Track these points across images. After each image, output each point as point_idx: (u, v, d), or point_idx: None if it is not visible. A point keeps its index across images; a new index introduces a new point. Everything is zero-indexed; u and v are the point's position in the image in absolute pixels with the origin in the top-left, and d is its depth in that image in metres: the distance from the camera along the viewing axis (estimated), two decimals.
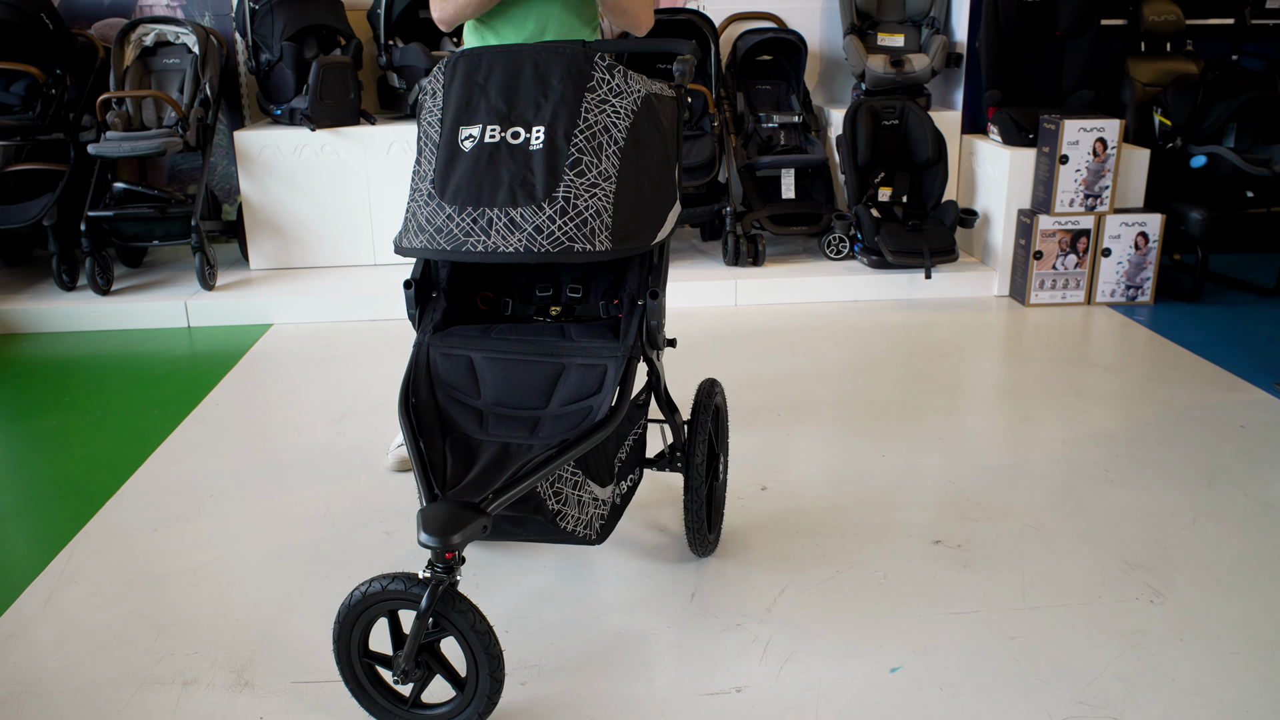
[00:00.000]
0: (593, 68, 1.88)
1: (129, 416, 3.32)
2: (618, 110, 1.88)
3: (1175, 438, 3.05)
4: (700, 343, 3.93)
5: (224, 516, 2.63)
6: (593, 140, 1.84)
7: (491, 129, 1.86)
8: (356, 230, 4.56)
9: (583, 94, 1.86)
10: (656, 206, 1.96)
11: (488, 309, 2.28)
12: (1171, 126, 4.55)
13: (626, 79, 1.90)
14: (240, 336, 4.10)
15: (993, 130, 4.54)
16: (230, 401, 3.43)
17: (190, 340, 4.10)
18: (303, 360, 3.83)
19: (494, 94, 1.90)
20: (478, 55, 1.96)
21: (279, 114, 4.59)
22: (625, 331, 1.98)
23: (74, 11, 4.87)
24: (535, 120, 1.85)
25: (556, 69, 1.89)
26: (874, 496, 2.69)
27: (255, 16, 4.54)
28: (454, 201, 1.83)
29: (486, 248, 1.77)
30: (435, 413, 1.93)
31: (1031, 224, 4.25)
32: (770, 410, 3.26)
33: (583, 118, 1.85)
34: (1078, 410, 3.26)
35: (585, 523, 1.90)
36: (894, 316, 4.22)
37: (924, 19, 4.82)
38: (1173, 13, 4.85)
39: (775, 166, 4.56)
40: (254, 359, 3.85)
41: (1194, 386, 3.46)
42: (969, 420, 3.19)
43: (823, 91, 5.14)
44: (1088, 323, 4.17)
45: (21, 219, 4.33)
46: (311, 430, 3.17)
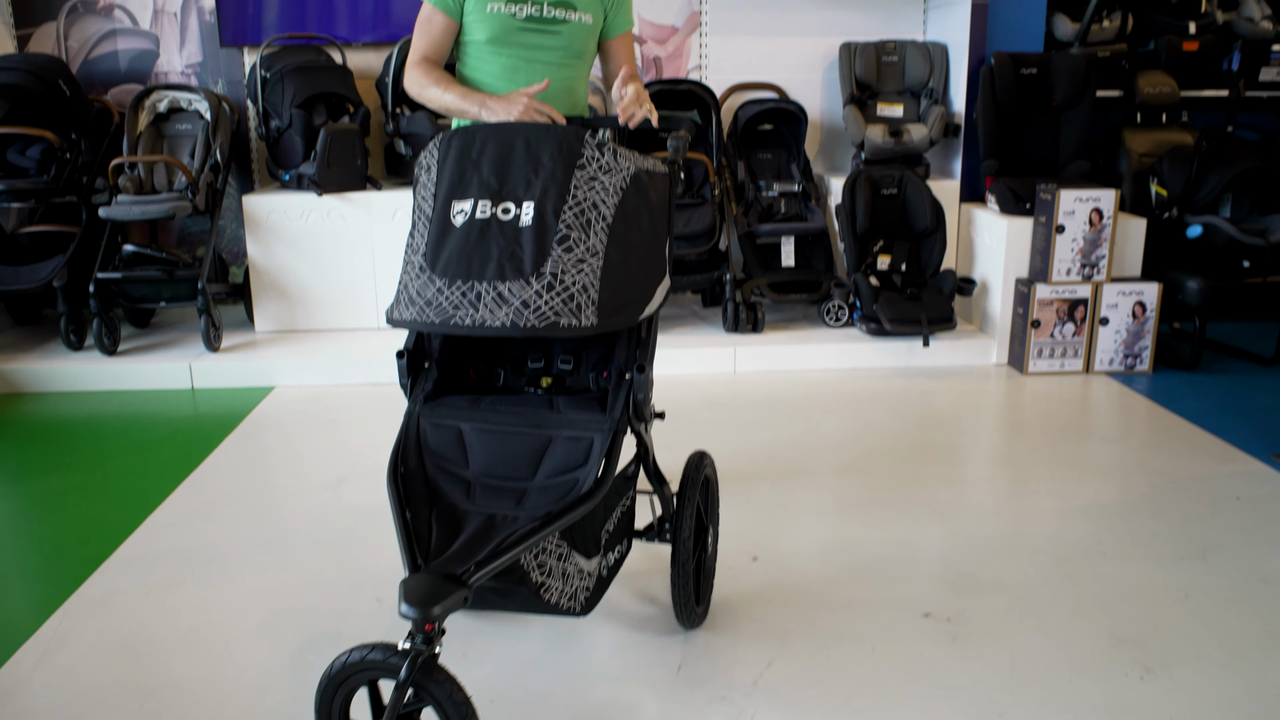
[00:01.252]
0: (583, 145, 1.93)
1: (129, 478, 3.35)
2: (607, 187, 1.92)
3: (1170, 509, 3.04)
4: (698, 409, 3.95)
5: (218, 581, 2.64)
6: (581, 217, 1.87)
7: (483, 204, 1.91)
8: (360, 294, 4.62)
9: (572, 171, 1.91)
10: (644, 282, 1.99)
11: (480, 379, 2.31)
12: (1167, 196, 4.60)
13: (616, 156, 1.94)
14: (243, 399, 4.14)
15: (990, 200, 4.59)
16: (230, 464, 3.46)
17: (194, 402, 4.14)
18: (303, 423, 3.86)
19: (486, 170, 1.95)
20: (471, 132, 2.02)
21: (287, 179, 4.68)
22: (612, 405, 2.01)
23: (92, 78, 4.99)
24: (525, 196, 1.89)
25: (547, 146, 1.94)
26: (866, 568, 2.69)
27: (267, 85, 4.65)
28: (444, 275, 1.86)
29: (474, 321, 1.80)
30: (424, 482, 1.95)
31: (1029, 293, 4.28)
32: (766, 479, 3.27)
33: (572, 194, 1.88)
34: (1073, 481, 3.26)
35: (570, 594, 1.91)
36: (892, 384, 4.23)
37: (922, 90, 4.90)
38: (1168, 85, 4.92)
39: (775, 234, 4.61)
40: (255, 421, 3.89)
41: (1191, 457, 3.46)
42: (964, 491, 3.20)
43: (823, 160, 5.22)
44: (1086, 392, 4.18)
45: (32, 280, 4.40)
46: (309, 495, 3.19)
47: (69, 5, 4.93)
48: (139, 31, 4.98)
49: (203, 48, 5.01)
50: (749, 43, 5.07)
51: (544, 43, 2.55)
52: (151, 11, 4.96)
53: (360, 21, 4.94)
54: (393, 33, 4.93)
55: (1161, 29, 5.03)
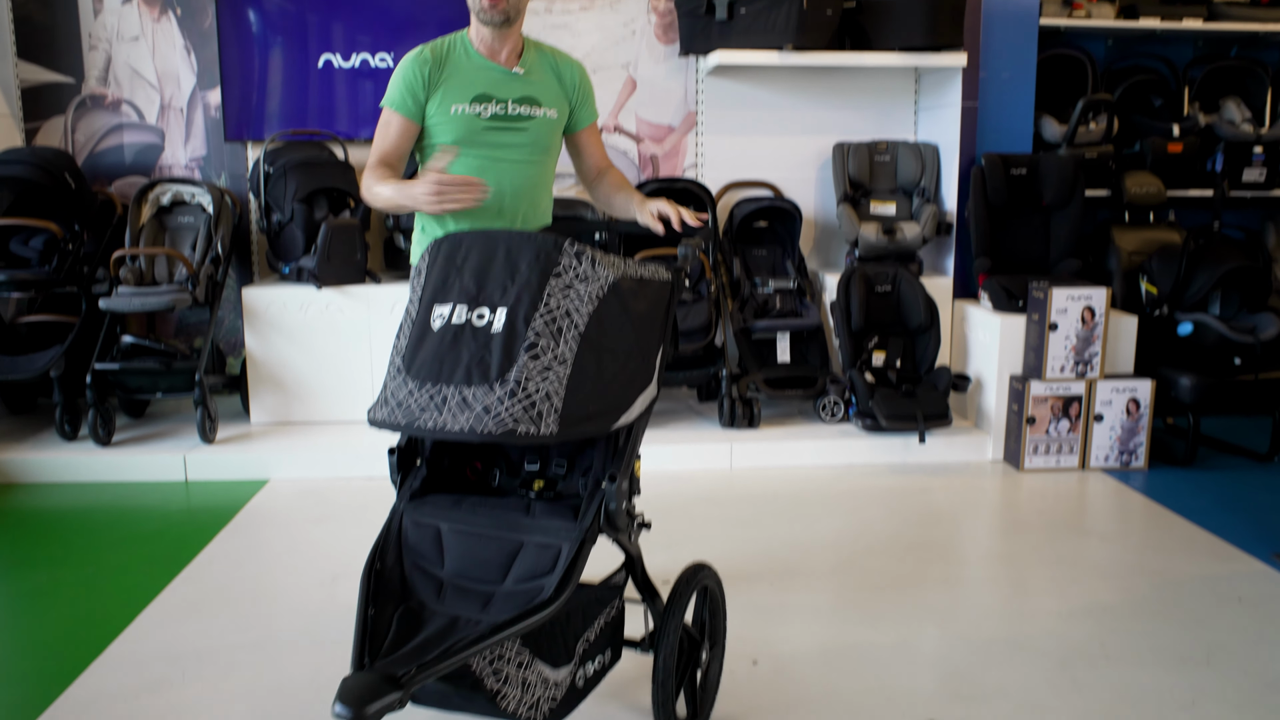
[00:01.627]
0: (560, 253, 1.95)
1: (120, 574, 3.31)
2: (582, 295, 1.93)
3: (1172, 611, 3.02)
4: (695, 506, 3.93)
5: (208, 683, 2.59)
6: (552, 324, 1.89)
7: (460, 309, 1.94)
8: (357, 387, 4.62)
9: (548, 279, 1.92)
10: (620, 391, 1.99)
11: (476, 479, 2.31)
12: (1158, 294, 4.66)
13: (594, 265, 1.95)
14: (237, 492, 4.11)
15: (983, 297, 4.65)
16: (223, 560, 3.42)
17: (187, 495, 4.11)
18: (298, 518, 3.83)
19: (467, 276, 1.98)
20: (459, 238, 2.07)
21: (287, 272, 4.72)
22: (583, 513, 2.01)
23: (97, 170, 5.06)
24: (500, 302, 1.92)
25: (526, 254, 1.97)
26: (867, 671, 2.65)
27: (270, 179, 4.72)
28: (416, 377, 1.90)
29: (437, 424, 1.82)
30: (399, 579, 1.98)
31: (1024, 389, 4.31)
32: (764, 579, 3.24)
33: (544, 302, 1.90)
34: (1073, 581, 3.24)
35: (531, 704, 1.88)
36: (889, 481, 4.23)
37: (914, 189, 5.00)
38: (1154, 185, 5.03)
39: (771, 330, 4.65)
40: (249, 515, 3.85)
41: (1191, 556, 3.45)
42: (964, 591, 3.17)
43: (817, 256, 5.29)
44: (1082, 489, 4.18)
45: (30, 369, 4.40)
46: (303, 592, 3.15)
47: (77, 100, 5.02)
48: (145, 126, 5.07)
49: (207, 142, 5.09)
50: (744, 142, 5.17)
51: (510, 140, 2.60)
52: (158, 107, 5.06)
53: (361, 118, 5.04)
54: None
55: (1146, 131, 5.16)
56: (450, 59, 2.62)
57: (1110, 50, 5.43)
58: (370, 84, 5.01)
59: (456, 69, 2.60)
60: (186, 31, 5.00)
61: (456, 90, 2.57)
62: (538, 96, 2.65)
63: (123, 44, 5.01)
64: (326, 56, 4.97)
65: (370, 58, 4.98)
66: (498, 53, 2.63)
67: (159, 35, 5.01)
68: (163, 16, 4.99)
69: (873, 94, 5.17)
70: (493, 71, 2.62)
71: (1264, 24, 5.16)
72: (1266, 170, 5.17)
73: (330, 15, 4.95)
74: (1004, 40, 4.80)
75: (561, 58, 2.76)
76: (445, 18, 4.93)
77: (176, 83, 5.04)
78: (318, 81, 4.99)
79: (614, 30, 5.08)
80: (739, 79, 5.09)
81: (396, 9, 4.95)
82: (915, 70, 5.13)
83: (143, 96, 5.04)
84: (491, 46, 2.63)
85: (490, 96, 2.58)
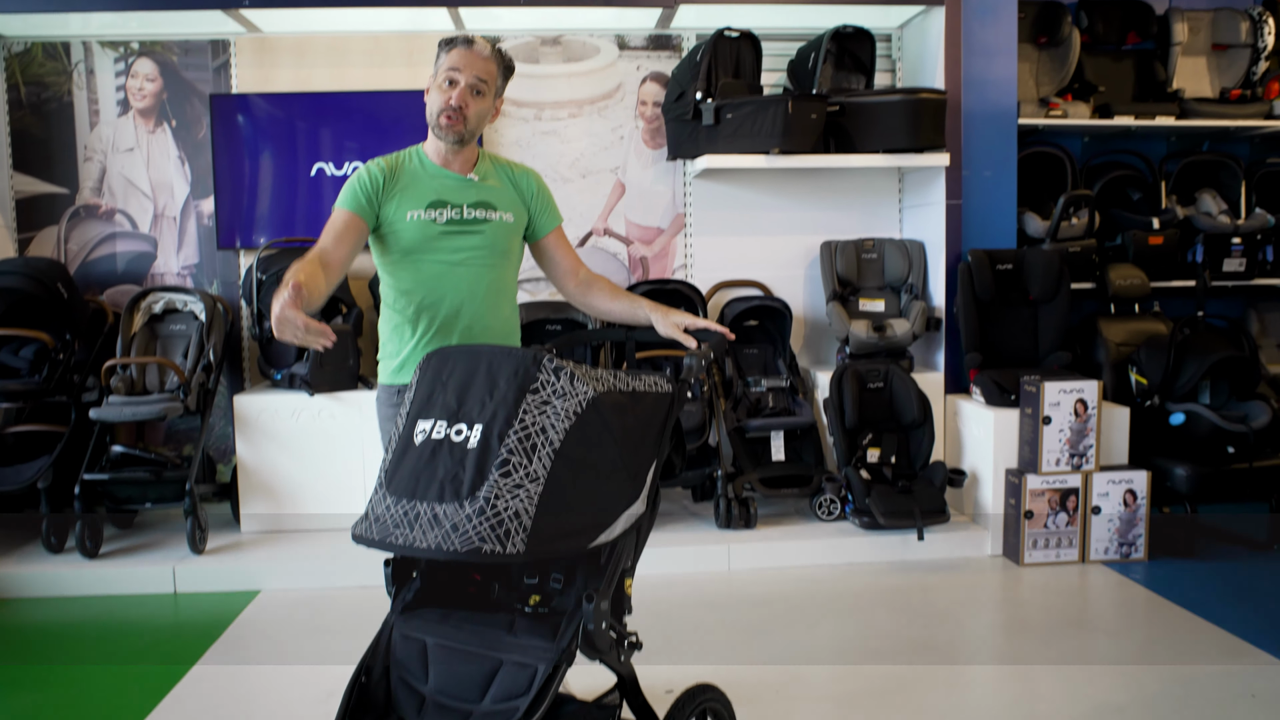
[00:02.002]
0: (539, 370, 1.95)
1: (106, 695, 3.22)
2: (559, 412, 1.91)
3: (1185, 709, 2.97)
4: (694, 610, 3.87)
5: None
6: (526, 441, 1.87)
7: (440, 425, 1.94)
8: (350, 494, 4.57)
9: (524, 395, 1.92)
10: (599, 509, 1.96)
11: (477, 591, 2.28)
12: (1148, 385, 4.69)
13: (573, 381, 1.94)
14: (227, 604, 4.03)
15: (975, 392, 4.67)
16: (212, 678, 3.33)
17: (176, 607, 4.03)
18: (290, 630, 3.75)
19: (450, 391, 1.99)
20: (448, 353, 2.08)
21: (279, 378, 4.71)
22: (561, 633, 1.98)
23: (89, 278, 5.08)
24: (478, 419, 1.92)
25: (505, 369, 1.97)
26: None
27: (263, 286, 4.74)
28: (394, 493, 1.91)
29: (406, 541, 1.83)
30: (385, 692, 1.98)
31: (1020, 484, 4.30)
32: (769, 685, 3.18)
33: (519, 419, 1.89)
34: (1082, 680, 3.18)
35: None
36: (889, 580, 4.18)
37: (902, 285, 5.05)
38: (1138, 277, 5.10)
39: (765, 429, 4.64)
40: (240, 629, 3.77)
41: (1199, 651, 3.41)
42: (972, 694, 3.12)
43: (807, 354, 5.32)
44: (1084, 583, 4.14)
45: (16, 481, 4.35)
46: (295, 711, 3.07)
47: (71, 210, 5.06)
48: (138, 235, 5.10)
49: (199, 249, 5.13)
50: (732, 242, 5.24)
51: (466, 244, 2.60)
52: (152, 216, 5.10)
53: None
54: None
55: (1126, 224, 5.25)
56: (405, 169, 2.63)
57: (1087, 146, 5.56)
58: None
59: (412, 178, 2.61)
60: (181, 142, 5.08)
61: (412, 197, 2.58)
62: (493, 201, 2.65)
63: (118, 155, 5.07)
64: (319, 165, 5.04)
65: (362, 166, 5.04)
66: (451, 163, 2.65)
67: (154, 146, 5.08)
68: (158, 128, 5.07)
69: (857, 193, 5.26)
70: (447, 179, 2.63)
71: (1232, 120, 5.30)
72: (1246, 260, 5.26)
73: (323, 125, 5.03)
74: (984, 139, 4.91)
75: (517, 167, 2.77)
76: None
77: (170, 192, 5.10)
78: (311, 190, 5.05)
79: (603, 136, 5.18)
80: (726, 181, 5.18)
81: (387, 118, 5.04)
82: (899, 170, 5.23)
83: (136, 206, 5.09)
84: (446, 157, 2.64)
85: (445, 202, 2.58)
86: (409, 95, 5.02)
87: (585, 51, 5.15)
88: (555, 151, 5.17)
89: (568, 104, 5.15)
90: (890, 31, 5.24)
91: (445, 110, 2.56)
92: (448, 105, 2.56)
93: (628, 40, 5.15)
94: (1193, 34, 5.49)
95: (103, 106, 5.05)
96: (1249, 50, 5.45)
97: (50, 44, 5.00)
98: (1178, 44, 5.43)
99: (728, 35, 4.72)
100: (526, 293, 5.12)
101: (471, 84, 2.57)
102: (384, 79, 5.08)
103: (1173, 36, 5.42)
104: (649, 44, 5.16)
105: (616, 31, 5.13)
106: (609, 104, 5.17)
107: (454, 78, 2.56)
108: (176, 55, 5.04)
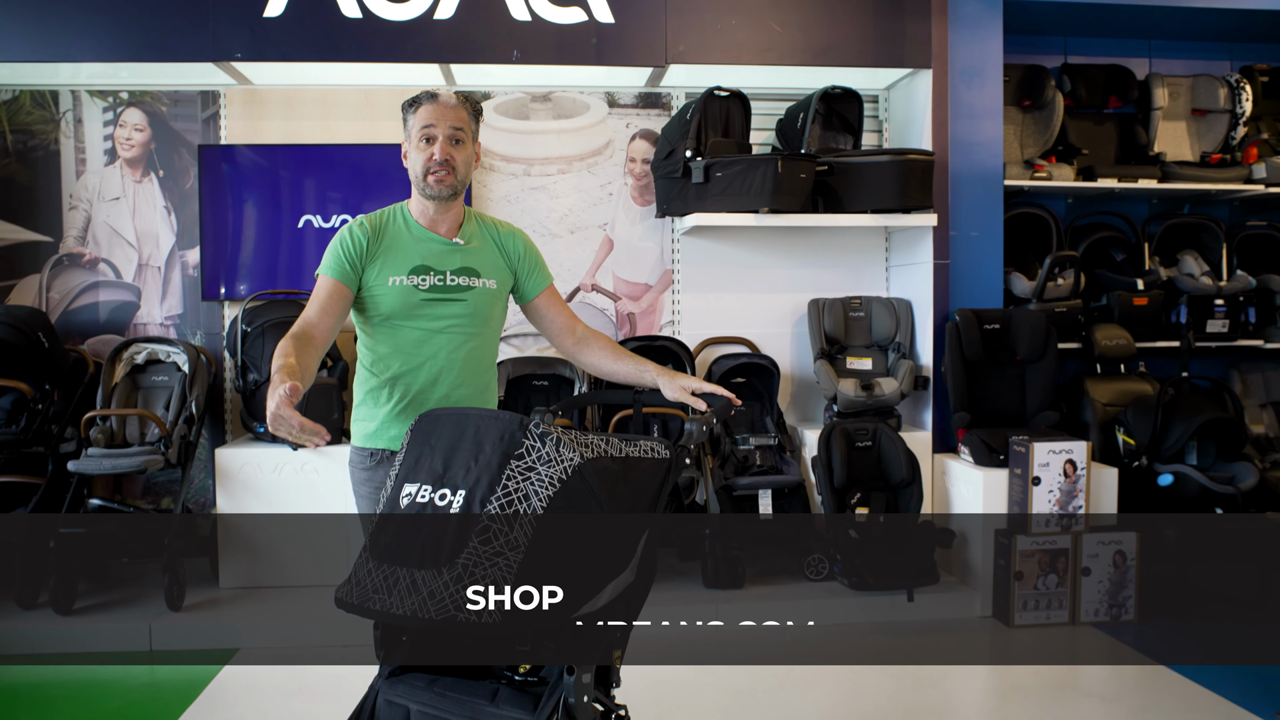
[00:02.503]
0: (525, 435, 1.92)
1: None
2: (542, 479, 1.88)
3: None
4: (682, 672, 3.80)
5: None
6: (509, 508, 1.85)
7: (425, 489, 1.92)
8: (332, 550, 4.49)
9: (508, 461, 1.89)
10: (584, 579, 1.91)
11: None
12: (1135, 445, 4.70)
13: (559, 448, 1.90)
14: (205, 663, 3.92)
15: (964, 451, 4.66)
16: None
17: (151, 667, 3.93)
18: (269, 692, 3.66)
19: (437, 455, 1.97)
20: (438, 416, 2.06)
21: (262, 431, 4.65)
22: (542, 705, 1.94)
23: (70, 327, 5.02)
24: (462, 484, 1.90)
25: (491, 434, 1.94)
26: None
27: (247, 338, 4.69)
28: (377, 557, 1.89)
29: (384, 606, 1.81)
30: None
31: (1010, 544, 4.28)
32: None
33: (502, 485, 1.87)
34: None
35: None
36: (879, 641, 4.13)
37: (889, 344, 5.06)
38: (1123, 337, 5.13)
39: (753, 487, 4.61)
40: (217, 690, 3.67)
41: (1192, 716, 3.37)
42: None
43: (794, 411, 5.30)
44: (1075, 645, 4.11)
45: None
46: None
47: (54, 259, 5.02)
48: (121, 284, 5.05)
49: (184, 300, 5.08)
50: (720, 299, 5.24)
51: (448, 311, 2.56)
52: (135, 265, 5.06)
53: None
54: None
55: (1110, 285, 5.30)
56: (389, 230, 2.60)
57: (1070, 207, 5.61)
58: None
59: (395, 240, 2.58)
60: (168, 192, 5.05)
61: (395, 262, 2.54)
62: (477, 267, 2.62)
63: (103, 204, 5.04)
64: (306, 217, 5.02)
65: (350, 219, 5.01)
66: (438, 224, 2.62)
67: (140, 196, 5.05)
68: (145, 178, 5.05)
69: (844, 252, 5.28)
70: (432, 243, 2.60)
71: (1213, 184, 5.37)
72: (1229, 321, 5.31)
73: (311, 177, 5.02)
74: (972, 200, 4.95)
75: (504, 228, 2.74)
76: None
77: (155, 242, 5.06)
78: (298, 242, 5.03)
79: (592, 192, 5.19)
80: (714, 238, 5.19)
81: (375, 172, 5.04)
82: (885, 229, 5.26)
83: (120, 255, 5.05)
84: (432, 218, 2.61)
85: (429, 268, 2.55)
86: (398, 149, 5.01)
87: (575, 108, 5.18)
88: (544, 207, 5.17)
89: (557, 160, 5.17)
90: (877, 93, 5.30)
91: (431, 168, 2.54)
92: (432, 162, 2.54)
93: (617, 98, 5.19)
94: (1173, 99, 5.58)
95: (90, 155, 5.03)
96: (1228, 115, 5.54)
97: (39, 92, 4.99)
98: (1158, 108, 5.52)
99: (718, 94, 4.76)
100: (514, 348, 5.09)
101: (449, 135, 2.55)
102: (373, 133, 5.09)
103: (1153, 101, 5.51)
104: (638, 101, 5.20)
105: (606, 89, 5.17)
106: (598, 160, 5.19)
107: (430, 134, 2.55)
108: (166, 105, 5.04)
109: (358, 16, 4.52)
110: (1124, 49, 5.62)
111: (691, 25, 4.67)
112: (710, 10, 4.68)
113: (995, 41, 4.96)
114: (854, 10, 4.76)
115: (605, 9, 4.60)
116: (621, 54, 4.67)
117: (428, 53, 4.59)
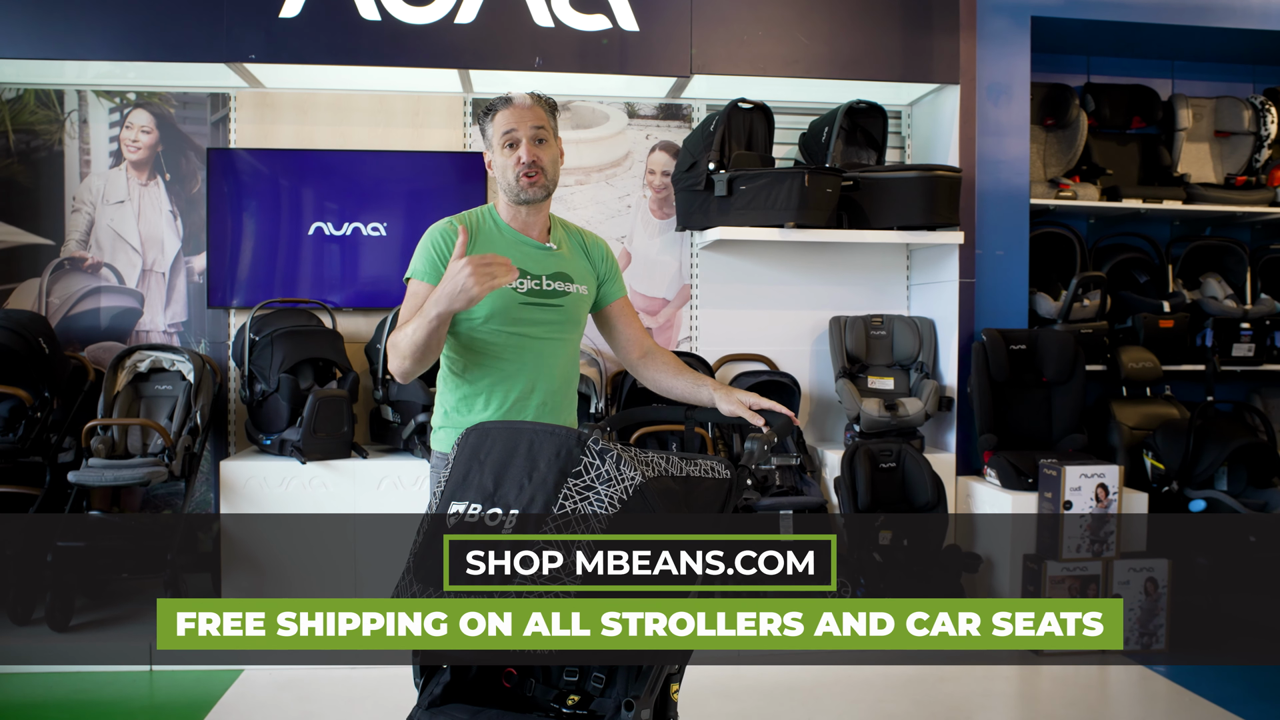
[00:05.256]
0: (583, 452, 1.82)
1: None
2: (602, 498, 1.78)
3: None
4: (709, 700, 3.68)
5: None
6: (566, 529, 1.75)
7: (474, 507, 1.83)
8: (339, 567, 4.34)
9: (565, 479, 1.80)
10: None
11: (512, 687, 2.10)
12: (1165, 470, 4.59)
13: (619, 465, 1.80)
14: (207, 684, 3.77)
15: (990, 474, 4.55)
16: None
17: (151, 686, 3.78)
18: (275, 714, 3.51)
19: (487, 471, 1.87)
20: (487, 430, 1.96)
21: (268, 443, 4.50)
22: None
23: (70, 333, 4.87)
24: (515, 503, 1.80)
25: (546, 451, 1.84)
26: None
27: (255, 347, 4.56)
28: (421, 580, 1.81)
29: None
30: None
31: (1039, 570, 4.16)
32: None
33: (559, 504, 1.77)
34: None
35: None
36: (907, 671, 4.01)
37: (912, 363, 4.95)
38: (1149, 360, 5.03)
39: (774, 508, 4.49)
40: (221, 713, 3.52)
41: None
42: None
43: (813, 431, 5.18)
44: (1105, 676, 3.99)
45: None
46: None
47: (55, 263, 4.88)
48: (124, 290, 4.92)
49: (188, 307, 4.94)
50: (739, 315, 5.13)
51: (545, 317, 2.51)
52: (139, 271, 4.92)
53: (351, 287, 4.93)
54: (378, 298, 4.92)
55: (1134, 307, 5.21)
56: (482, 231, 2.55)
57: (1093, 228, 5.53)
58: (362, 253, 4.92)
59: (489, 242, 2.52)
60: (174, 196, 4.92)
61: None
62: (570, 273, 2.58)
63: (107, 207, 4.90)
64: (317, 224, 4.90)
65: (362, 227, 4.91)
66: (530, 227, 2.58)
67: (145, 199, 4.92)
68: (151, 181, 4.92)
69: (865, 269, 5.18)
70: (527, 246, 2.55)
71: (1238, 205, 5.31)
72: (1255, 345, 5.22)
73: (323, 183, 4.90)
74: (998, 218, 4.86)
75: (588, 235, 2.73)
76: (438, 186, 4.91)
77: (160, 247, 4.93)
78: (308, 249, 4.90)
79: (610, 204, 5.09)
80: (733, 253, 5.08)
81: (390, 179, 4.92)
82: (907, 246, 5.16)
83: (124, 260, 4.91)
84: (525, 221, 2.57)
85: (525, 272, 2.49)
86: (413, 156, 4.93)
87: (595, 119, 5.08)
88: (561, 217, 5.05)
89: (575, 171, 5.06)
90: (900, 109, 5.21)
91: (520, 170, 2.48)
92: (520, 164, 2.48)
93: (638, 109, 5.09)
94: (1196, 120, 5.51)
95: (94, 157, 4.90)
96: (1252, 138, 5.47)
97: (43, 91, 4.86)
98: (1182, 129, 5.45)
99: (742, 106, 4.67)
100: None
101: (532, 135, 2.51)
102: (388, 139, 4.98)
103: (1177, 122, 5.44)
104: (659, 113, 5.10)
105: (627, 99, 5.07)
106: (617, 172, 5.09)
107: (513, 138, 2.50)
108: (174, 107, 4.91)
109: (376, 19, 4.41)
110: (1147, 69, 5.55)
111: (717, 35, 4.57)
112: (736, 20, 4.58)
113: (1023, 58, 4.88)
114: (882, 24, 4.68)
115: (630, 17, 4.50)
116: (645, 63, 4.57)
117: (447, 58, 4.48)
